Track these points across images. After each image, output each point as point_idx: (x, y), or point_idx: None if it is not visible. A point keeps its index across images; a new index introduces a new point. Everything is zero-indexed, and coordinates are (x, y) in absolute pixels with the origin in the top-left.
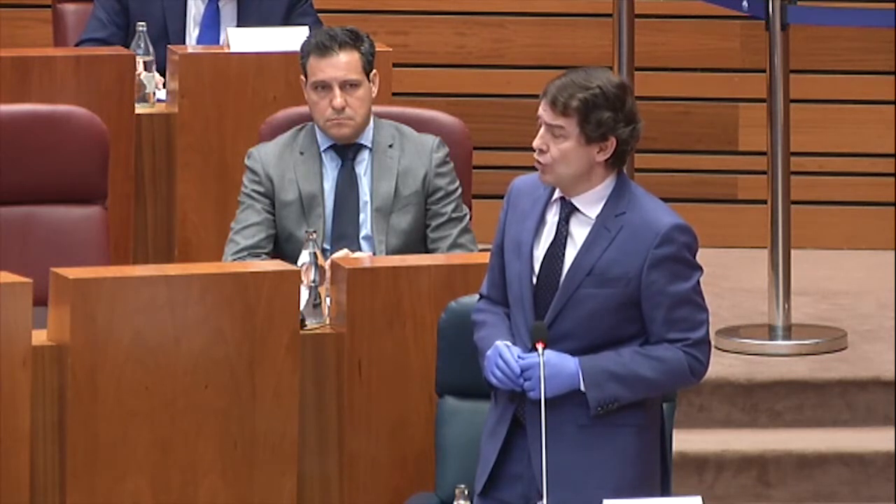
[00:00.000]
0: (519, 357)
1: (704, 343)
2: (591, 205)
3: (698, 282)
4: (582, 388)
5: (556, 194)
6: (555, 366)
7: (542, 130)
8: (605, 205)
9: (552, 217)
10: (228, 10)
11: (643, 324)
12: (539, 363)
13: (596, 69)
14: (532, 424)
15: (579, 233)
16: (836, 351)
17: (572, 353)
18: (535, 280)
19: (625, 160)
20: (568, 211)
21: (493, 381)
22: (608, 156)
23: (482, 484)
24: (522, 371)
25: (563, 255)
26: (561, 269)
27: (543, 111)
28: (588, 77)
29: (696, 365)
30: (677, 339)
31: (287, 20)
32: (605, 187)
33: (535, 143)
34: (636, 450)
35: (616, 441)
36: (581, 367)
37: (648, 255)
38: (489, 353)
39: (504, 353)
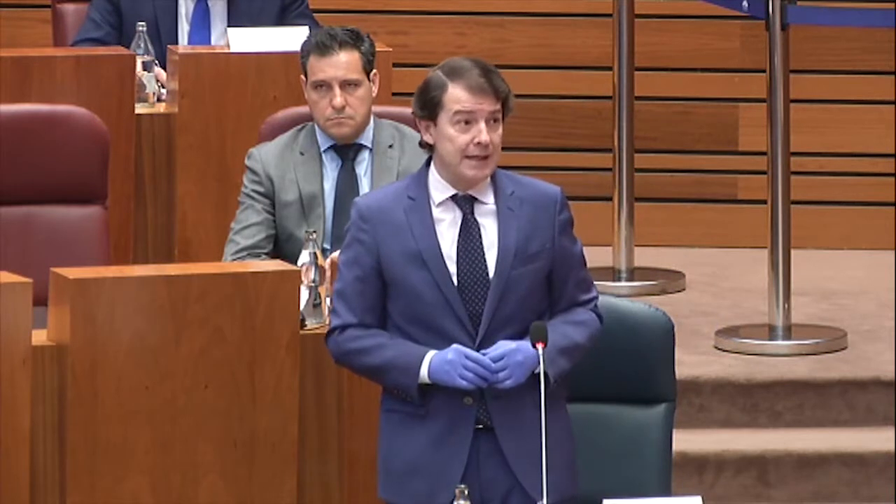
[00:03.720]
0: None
1: (598, 298)
2: (484, 193)
3: None
4: (541, 367)
5: (442, 195)
6: (525, 349)
7: (482, 125)
8: (494, 189)
9: (450, 215)
10: (218, 9)
11: (553, 292)
12: (509, 351)
13: (463, 57)
14: (500, 420)
15: (487, 221)
16: (836, 351)
17: (513, 338)
18: (455, 280)
19: None
20: (470, 204)
21: (463, 383)
22: None
23: (448, 496)
24: (494, 363)
25: (481, 246)
26: (483, 260)
27: (481, 104)
28: (477, 60)
29: (601, 322)
30: (587, 301)
31: (281, 21)
32: None
33: (483, 139)
34: (568, 417)
35: (562, 415)
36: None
37: (555, 222)
38: (451, 357)
39: (471, 354)
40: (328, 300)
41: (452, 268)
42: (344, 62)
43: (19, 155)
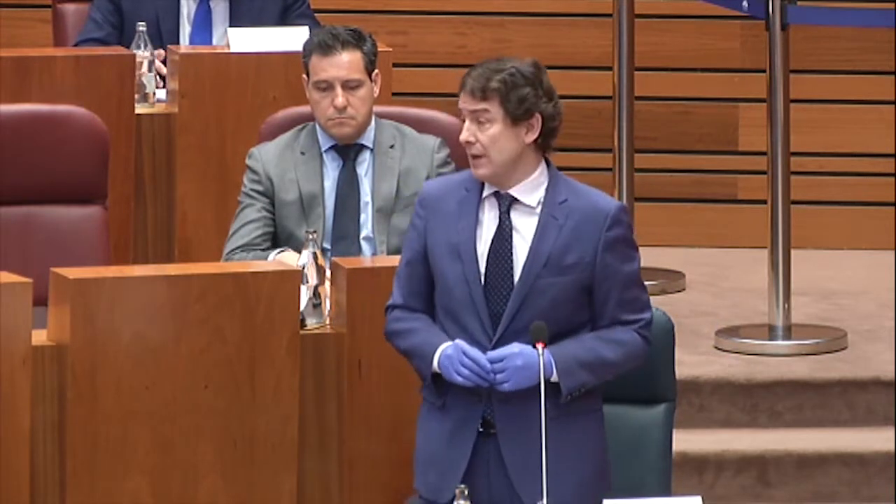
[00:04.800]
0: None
1: (651, 321)
2: (529, 194)
3: (639, 262)
4: (555, 377)
5: (488, 190)
6: (529, 356)
7: (466, 123)
8: (545, 193)
9: (488, 213)
10: (220, 10)
11: (594, 308)
12: (510, 354)
13: (504, 57)
14: (504, 424)
15: (524, 224)
16: (836, 351)
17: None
18: (482, 279)
19: (552, 142)
20: (508, 203)
21: (459, 379)
22: (536, 135)
23: (451, 493)
24: (492, 364)
25: (511, 248)
26: (511, 262)
27: (464, 102)
28: (500, 62)
29: (647, 344)
30: (631, 321)
31: (282, 21)
32: (539, 175)
33: (462, 137)
34: (601, 433)
35: (582, 428)
36: (553, 356)
37: (601, 237)
38: (449, 352)
39: (469, 351)
40: (328, 300)
41: (482, 265)
42: (346, 62)
43: (19, 155)
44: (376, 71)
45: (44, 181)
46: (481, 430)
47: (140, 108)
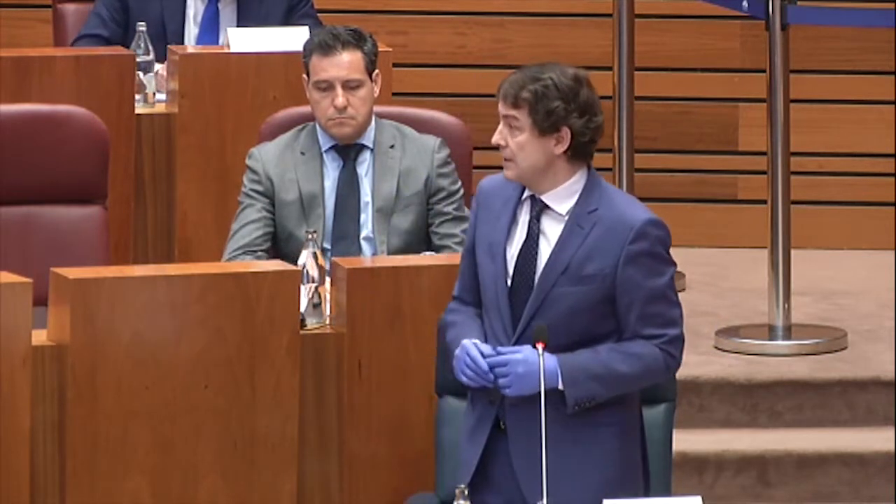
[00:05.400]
0: (496, 352)
1: (679, 340)
2: (560, 201)
3: (672, 277)
4: (560, 386)
5: (527, 193)
6: (532, 363)
7: (500, 125)
8: (576, 201)
9: (523, 216)
10: (228, 12)
11: (618, 320)
12: (512, 360)
13: (552, 63)
14: (514, 426)
15: (552, 230)
16: (836, 351)
17: (553, 351)
18: (509, 281)
19: (588, 154)
20: (539, 209)
21: (464, 379)
22: (565, 148)
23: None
24: (492, 368)
25: (537, 253)
26: (535, 268)
27: (500, 106)
28: (541, 70)
29: (671, 361)
30: (653, 336)
31: (287, 21)
32: (573, 183)
33: (494, 139)
34: (614, 450)
35: (594, 441)
36: (560, 364)
37: (623, 250)
38: (458, 352)
39: (471, 351)
40: (328, 300)
41: (511, 267)
42: (346, 62)
43: (19, 155)
44: (377, 71)
45: (44, 181)
46: (498, 428)
47: (140, 108)
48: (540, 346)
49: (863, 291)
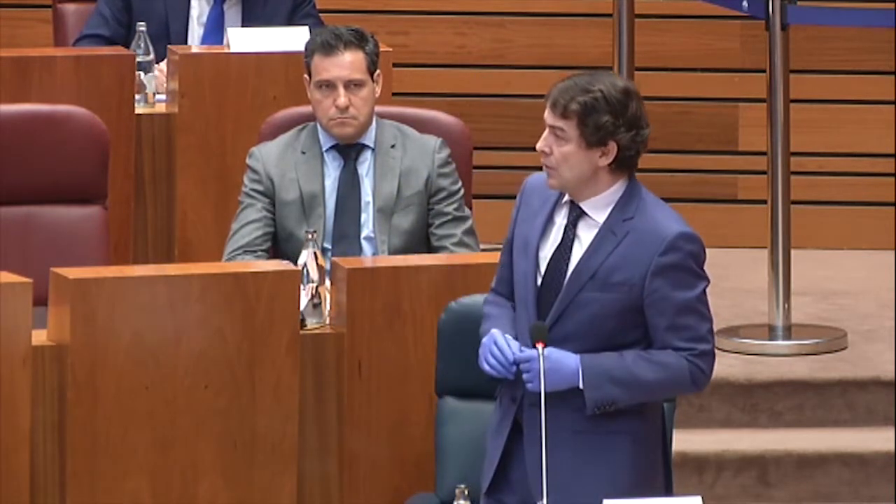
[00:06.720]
0: (520, 349)
1: (709, 354)
2: (598, 209)
3: (704, 291)
4: (580, 385)
5: (566, 197)
6: (556, 361)
7: (546, 132)
8: (612, 210)
9: (560, 219)
10: (233, 13)
11: (646, 330)
12: (534, 357)
13: (603, 73)
14: (529, 427)
15: (586, 236)
16: (836, 351)
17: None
18: (539, 280)
19: (632, 166)
20: (576, 214)
21: (486, 367)
22: (611, 160)
23: (487, 483)
24: (518, 362)
25: (569, 257)
26: (566, 271)
27: (547, 113)
28: (592, 80)
29: (700, 375)
30: (683, 348)
31: (291, 21)
32: (613, 192)
33: (539, 146)
34: (632, 457)
35: (612, 447)
36: (581, 365)
37: (653, 262)
38: (485, 340)
39: (499, 341)
40: (328, 300)
41: (542, 268)
42: (348, 62)
43: (19, 155)
44: (378, 71)
45: (44, 181)
46: (518, 428)
47: (140, 108)
48: (540, 346)
49: (862, 291)
